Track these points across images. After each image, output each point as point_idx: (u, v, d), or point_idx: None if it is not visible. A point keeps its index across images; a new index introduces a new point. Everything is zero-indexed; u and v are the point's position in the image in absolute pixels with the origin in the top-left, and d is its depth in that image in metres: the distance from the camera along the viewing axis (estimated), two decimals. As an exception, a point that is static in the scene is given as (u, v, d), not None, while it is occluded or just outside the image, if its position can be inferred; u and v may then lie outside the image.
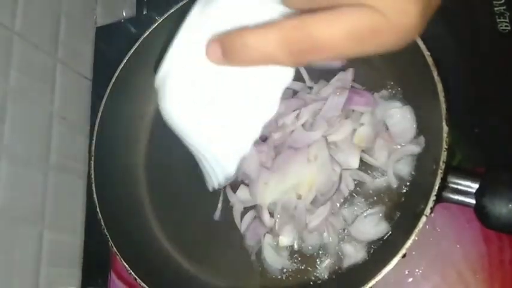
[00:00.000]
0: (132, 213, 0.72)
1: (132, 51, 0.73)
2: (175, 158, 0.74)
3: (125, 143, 0.76)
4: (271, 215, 0.64)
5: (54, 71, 0.76)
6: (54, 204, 0.72)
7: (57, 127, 0.75)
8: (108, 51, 0.87)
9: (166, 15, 0.73)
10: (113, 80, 0.72)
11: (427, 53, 0.58)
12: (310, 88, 0.70)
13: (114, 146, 0.73)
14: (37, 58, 0.72)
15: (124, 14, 0.94)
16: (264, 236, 0.65)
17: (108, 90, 0.72)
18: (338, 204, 0.64)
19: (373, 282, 0.54)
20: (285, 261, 0.65)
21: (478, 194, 0.55)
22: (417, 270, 0.63)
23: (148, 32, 0.73)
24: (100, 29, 0.88)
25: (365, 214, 0.63)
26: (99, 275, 0.75)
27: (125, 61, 0.73)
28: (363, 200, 0.65)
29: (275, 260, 0.64)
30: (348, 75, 0.67)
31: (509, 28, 0.69)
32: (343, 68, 0.69)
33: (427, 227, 0.63)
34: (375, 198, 0.65)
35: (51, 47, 0.76)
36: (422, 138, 0.62)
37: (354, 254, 0.62)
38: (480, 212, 0.55)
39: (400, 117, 0.62)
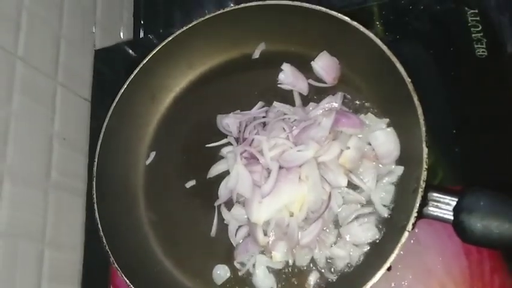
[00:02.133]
0: (131, 231, 0.74)
1: (133, 75, 0.76)
2: (172, 178, 0.77)
3: (124, 164, 0.78)
4: (265, 233, 0.66)
5: (54, 93, 0.78)
6: (54, 222, 0.73)
7: (58, 147, 0.76)
8: (106, 73, 0.89)
9: (166, 42, 0.76)
10: (114, 104, 0.74)
11: (408, 80, 0.61)
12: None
13: (114, 167, 0.75)
14: (38, 81, 0.74)
15: (122, 37, 0.97)
16: (256, 255, 0.67)
17: (108, 115, 0.74)
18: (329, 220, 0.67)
19: (360, 295, 0.57)
20: (274, 281, 0.67)
21: (455, 211, 0.58)
22: (403, 282, 0.65)
23: (150, 55, 0.76)
24: (99, 51, 0.90)
25: (355, 215, 0.65)
26: (98, 290, 0.77)
27: (126, 85, 0.75)
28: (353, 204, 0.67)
29: (265, 280, 0.66)
30: (337, 98, 0.71)
31: (486, 53, 0.72)
32: (333, 92, 0.72)
33: (412, 241, 0.65)
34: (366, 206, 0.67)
35: (51, 70, 0.78)
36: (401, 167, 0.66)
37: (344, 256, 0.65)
38: (457, 227, 0.57)
39: (385, 139, 0.65)
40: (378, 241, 0.64)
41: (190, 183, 0.76)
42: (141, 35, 0.99)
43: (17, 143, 0.68)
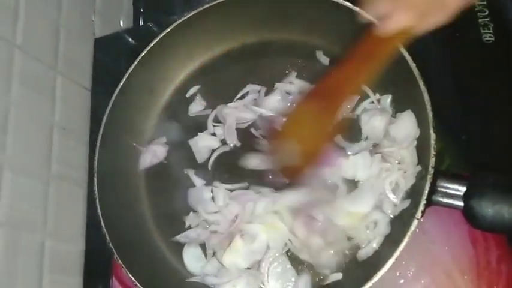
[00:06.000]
0: (134, 225, 0.73)
1: (131, 68, 0.74)
2: (174, 171, 0.76)
3: (126, 157, 0.77)
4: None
5: (54, 82, 0.77)
6: (55, 213, 0.73)
7: (58, 137, 0.76)
8: (106, 61, 0.88)
9: (165, 33, 0.75)
10: (113, 97, 0.74)
11: (413, 65, 0.61)
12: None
13: (115, 161, 0.74)
14: (38, 70, 0.73)
15: (122, 25, 0.96)
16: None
17: (108, 108, 0.73)
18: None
19: (369, 284, 0.56)
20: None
21: (465, 197, 0.57)
22: (408, 272, 0.64)
23: (149, 47, 0.75)
24: (98, 40, 0.89)
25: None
26: (100, 281, 0.76)
27: (124, 79, 0.74)
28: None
29: None
30: None
31: (493, 39, 0.71)
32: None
33: (417, 230, 0.64)
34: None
35: (51, 59, 0.77)
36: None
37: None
38: (468, 213, 0.57)
39: (403, 124, 0.64)
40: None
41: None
42: (141, 23, 0.98)
43: (16, 133, 0.67)
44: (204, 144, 0.75)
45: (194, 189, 0.73)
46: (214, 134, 0.76)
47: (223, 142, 0.75)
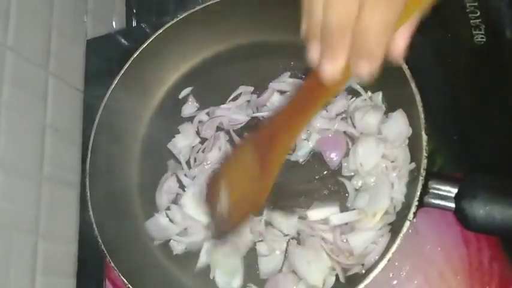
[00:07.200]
0: (127, 227, 0.73)
1: (124, 69, 0.74)
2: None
3: (118, 159, 0.77)
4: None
5: (46, 83, 0.76)
6: (48, 214, 0.72)
7: (50, 139, 0.75)
8: (99, 62, 0.88)
9: (157, 34, 0.75)
10: (105, 99, 0.73)
11: (404, 66, 0.61)
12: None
13: (108, 163, 0.74)
14: (29, 71, 0.73)
15: (114, 26, 0.96)
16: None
17: (100, 110, 0.73)
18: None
19: (362, 285, 0.56)
20: None
21: (457, 198, 0.57)
22: (401, 272, 0.65)
23: (142, 48, 0.75)
24: (91, 41, 0.89)
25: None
26: (93, 283, 0.76)
27: (117, 78, 0.74)
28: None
29: None
30: None
31: (484, 40, 0.71)
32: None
33: (410, 231, 0.64)
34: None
35: (43, 60, 0.76)
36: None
37: None
38: (460, 214, 0.57)
39: (395, 123, 0.64)
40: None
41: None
42: (134, 24, 0.97)
43: (8, 135, 0.67)
44: (183, 144, 0.75)
45: (150, 222, 0.72)
46: (197, 133, 0.76)
47: (202, 139, 0.76)
